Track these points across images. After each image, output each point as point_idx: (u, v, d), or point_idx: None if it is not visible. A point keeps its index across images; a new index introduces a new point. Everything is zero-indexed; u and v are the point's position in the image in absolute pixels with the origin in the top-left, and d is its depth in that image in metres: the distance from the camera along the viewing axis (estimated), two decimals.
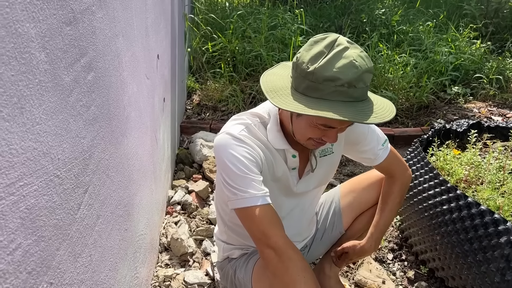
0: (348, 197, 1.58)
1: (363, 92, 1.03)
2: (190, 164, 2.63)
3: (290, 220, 1.41)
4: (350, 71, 0.98)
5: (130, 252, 1.32)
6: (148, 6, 1.62)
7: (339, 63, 0.99)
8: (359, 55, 1.01)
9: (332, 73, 0.98)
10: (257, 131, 1.20)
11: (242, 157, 1.12)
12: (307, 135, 1.12)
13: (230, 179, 1.12)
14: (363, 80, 1.01)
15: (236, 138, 1.14)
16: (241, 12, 3.90)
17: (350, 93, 1.00)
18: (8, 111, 0.56)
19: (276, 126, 1.21)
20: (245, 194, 1.10)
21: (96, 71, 0.94)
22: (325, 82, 1.00)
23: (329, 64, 1.00)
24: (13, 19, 0.56)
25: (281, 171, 1.26)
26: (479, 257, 1.48)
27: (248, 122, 1.20)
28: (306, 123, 1.09)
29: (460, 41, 4.02)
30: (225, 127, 1.20)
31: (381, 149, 1.39)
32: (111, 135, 1.08)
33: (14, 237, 0.58)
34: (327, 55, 1.01)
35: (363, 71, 0.99)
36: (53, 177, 0.71)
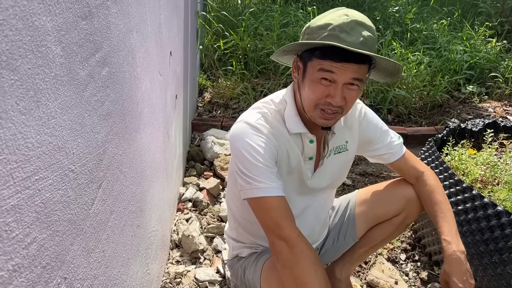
0: (364, 206, 1.52)
1: (358, 41, 1.02)
2: (201, 161, 2.63)
3: (303, 220, 1.39)
4: (340, 19, 1.03)
5: (142, 248, 1.32)
6: (161, 2, 1.62)
7: (333, 15, 1.06)
8: (354, 12, 1.06)
9: (324, 21, 1.05)
10: (274, 120, 1.20)
11: (259, 146, 1.12)
12: (311, 98, 1.10)
13: (245, 168, 1.12)
14: (357, 30, 1.02)
15: (253, 126, 1.15)
16: (253, 10, 3.89)
17: (342, 37, 1.02)
18: (24, 104, 0.55)
19: (293, 110, 1.20)
20: (259, 184, 1.10)
21: (110, 66, 0.94)
22: (319, 30, 1.05)
23: (323, 17, 1.08)
24: (30, 11, 0.56)
25: (296, 162, 1.24)
26: (495, 258, 1.46)
27: (264, 111, 1.20)
28: (309, 81, 1.09)
29: (475, 40, 3.96)
30: (242, 116, 1.20)
31: (397, 145, 1.37)
32: (125, 130, 1.07)
33: (29, 231, 0.58)
34: (325, 14, 1.09)
35: (355, 20, 1.03)
36: (67, 172, 0.71)
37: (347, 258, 1.59)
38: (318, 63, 1.05)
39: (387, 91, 3.28)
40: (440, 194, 1.36)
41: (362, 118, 1.34)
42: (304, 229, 1.40)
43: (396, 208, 1.44)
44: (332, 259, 1.62)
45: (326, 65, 1.04)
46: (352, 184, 2.55)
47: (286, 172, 1.25)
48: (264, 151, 1.12)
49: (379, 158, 1.41)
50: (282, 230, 1.09)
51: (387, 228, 1.49)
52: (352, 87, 1.08)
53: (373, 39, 1.05)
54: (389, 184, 1.50)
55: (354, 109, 1.34)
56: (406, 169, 1.40)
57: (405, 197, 1.42)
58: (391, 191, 1.47)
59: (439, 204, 1.34)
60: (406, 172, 1.41)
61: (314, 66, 1.07)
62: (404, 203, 1.43)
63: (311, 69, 1.08)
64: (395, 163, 1.39)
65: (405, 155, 1.39)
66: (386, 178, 2.60)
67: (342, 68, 1.03)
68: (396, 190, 1.45)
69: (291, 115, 1.20)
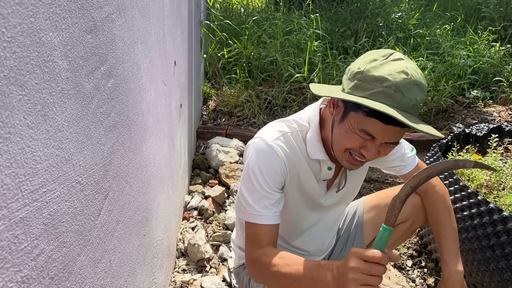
0: (371, 213, 1.52)
1: (411, 104, 0.97)
2: (206, 170, 2.64)
3: (312, 234, 1.39)
4: (399, 76, 0.95)
5: (148, 257, 1.33)
6: (165, 13, 1.64)
7: (390, 67, 0.98)
8: (413, 68, 0.99)
9: (381, 74, 0.97)
10: (293, 141, 1.17)
11: (266, 171, 1.11)
12: (345, 145, 1.07)
13: (246, 188, 1.14)
14: (412, 91, 0.96)
15: (269, 145, 1.13)
16: (256, 18, 3.91)
17: (396, 99, 0.96)
18: (32, 118, 0.57)
19: (316, 136, 1.17)
20: (250, 209, 1.13)
21: (115, 78, 0.95)
22: (373, 82, 0.98)
23: (380, 66, 0.99)
24: (37, 28, 0.58)
25: (308, 184, 1.23)
26: (501, 264, 1.45)
27: (285, 130, 1.18)
28: (347, 129, 1.04)
29: (478, 44, 3.96)
30: (262, 132, 1.19)
31: (410, 157, 1.36)
32: (130, 141, 1.09)
33: (37, 242, 0.59)
34: (382, 60, 1.00)
35: (413, 81, 0.96)
36: (74, 183, 0.72)
37: None
38: (363, 120, 1.00)
39: None
40: (448, 214, 1.36)
41: None
42: (313, 243, 1.40)
43: (403, 215, 1.44)
44: None
45: (369, 126, 1.00)
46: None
47: (296, 190, 1.24)
48: (270, 177, 1.11)
49: (392, 169, 1.40)
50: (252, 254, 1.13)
51: (394, 235, 1.49)
52: (388, 146, 1.06)
53: (423, 99, 1.01)
54: (396, 190, 1.49)
55: None
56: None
57: (412, 203, 1.43)
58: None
59: (444, 224, 1.35)
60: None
61: (357, 120, 1.01)
62: (411, 210, 1.43)
63: (353, 121, 1.02)
64: (407, 174, 1.38)
65: (418, 166, 1.38)
66: (391, 184, 2.60)
67: (386, 131, 1.00)
68: None
69: (313, 140, 1.17)
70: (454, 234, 1.34)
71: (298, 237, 1.38)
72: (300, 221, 1.34)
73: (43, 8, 0.59)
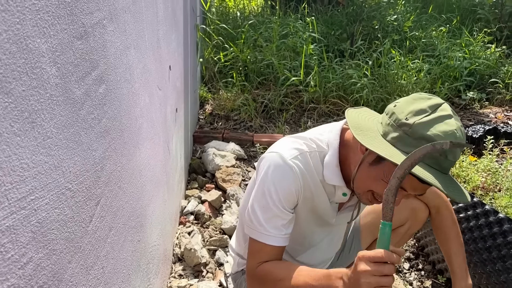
0: (369, 218, 1.51)
1: (450, 166, 0.95)
2: (203, 174, 2.64)
3: (319, 249, 1.38)
4: (449, 136, 0.91)
5: (143, 263, 1.32)
6: (159, 18, 1.64)
7: (441, 127, 0.93)
8: (460, 127, 0.95)
9: (431, 134, 0.92)
10: (311, 162, 1.12)
11: (281, 190, 1.08)
12: (371, 188, 1.03)
13: (258, 205, 1.11)
14: (455, 154, 0.94)
15: (286, 164, 1.09)
16: (252, 22, 3.92)
17: (440, 162, 0.93)
18: (19, 126, 0.56)
19: (335, 161, 1.12)
20: (260, 228, 1.10)
21: (107, 83, 0.95)
22: (420, 139, 0.93)
23: (430, 123, 0.93)
24: (24, 35, 0.57)
25: (321, 205, 1.20)
26: (498, 266, 1.45)
27: (304, 149, 1.13)
28: (377, 175, 1.00)
29: (474, 46, 3.97)
30: (280, 147, 1.14)
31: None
32: (123, 146, 1.08)
33: (25, 251, 0.58)
34: (430, 114, 0.95)
35: (459, 143, 0.90)
36: (64, 190, 0.71)
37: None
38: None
39: (387, 99, 3.29)
40: (456, 229, 1.37)
41: None
42: (318, 257, 1.40)
43: (400, 218, 1.44)
44: None
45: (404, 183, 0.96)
46: None
47: (308, 210, 1.21)
48: (284, 196, 1.08)
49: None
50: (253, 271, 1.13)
51: (392, 238, 1.48)
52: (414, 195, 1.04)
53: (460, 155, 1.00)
54: None
55: None
56: (428, 197, 1.38)
57: (410, 207, 1.42)
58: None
59: (453, 240, 1.36)
60: (428, 200, 1.40)
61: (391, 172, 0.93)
62: (409, 213, 1.42)
63: (388, 171, 0.97)
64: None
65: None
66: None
67: (418, 186, 0.97)
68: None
69: (331, 165, 1.12)
70: (463, 249, 1.36)
71: (304, 252, 1.38)
72: (307, 238, 1.33)
73: (30, 15, 0.59)
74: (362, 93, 3.32)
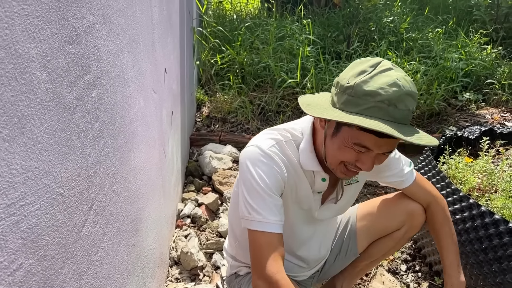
0: (365, 221, 1.51)
1: (403, 115, 0.97)
2: (199, 177, 2.63)
3: (307, 247, 1.38)
4: (391, 89, 0.94)
5: (138, 267, 1.32)
6: (154, 21, 1.64)
7: (381, 79, 0.96)
8: (403, 77, 0.98)
9: (373, 88, 0.95)
10: (287, 149, 1.15)
11: (267, 176, 1.09)
12: (340, 158, 1.06)
13: (249, 195, 1.10)
14: (405, 102, 0.95)
15: (265, 153, 1.10)
16: (249, 24, 3.92)
17: (390, 112, 0.95)
18: (8, 131, 0.56)
19: (309, 147, 1.15)
20: (259, 217, 1.08)
21: (100, 87, 0.94)
22: (364, 96, 0.96)
23: (370, 79, 0.97)
24: (13, 40, 0.57)
25: (304, 194, 1.22)
26: (494, 267, 1.45)
27: (279, 138, 1.15)
28: (340, 144, 1.03)
29: (470, 47, 3.98)
30: (255, 140, 1.16)
31: (408, 173, 1.35)
32: (117, 150, 1.08)
33: (15, 257, 0.58)
34: (370, 72, 0.98)
35: (405, 92, 0.95)
36: (56, 195, 0.71)
37: (348, 271, 1.58)
38: (356, 135, 0.99)
39: None
40: (448, 225, 1.37)
41: None
42: (308, 255, 1.39)
43: (397, 223, 1.43)
44: (333, 274, 1.62)
45: (364, 140, 0.99)
46: None
47: (292, 201, 1.22)
48: (271, 181, 1.09)
49: (390, 184, 1.39)
50: (264, 270, 1.07)
51: (388, 243, 1.48)
52: (384, 155, 1.05)
53: (415, 106, 1.00)
54: (390, 198, 1.49)
55: None
56: (418, 195, 1.39)
57: (406, 211, 1.42)
58: (392, 206, 1.45)
59: (445, 236, 1.36)
60: (417, 197, 1.40)
61: (351, 136, 1.00)
62: (405, 218, 1.42)
63: (347, 135, 1.01)
64: (406, 189, 1.38)
65: (416, 181, 1.37)
66: (384, 188, 2.59)
67: (380, 143, 0.99)
68: (397, 205, 1.44)
69: (306, 151, 1.15)
70: (455, 246, 1.35)
71: (295, 249, 1.37)
72: (296, 235, 1.33)
73: (19, 20, 0.59)
74: None
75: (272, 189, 1.09)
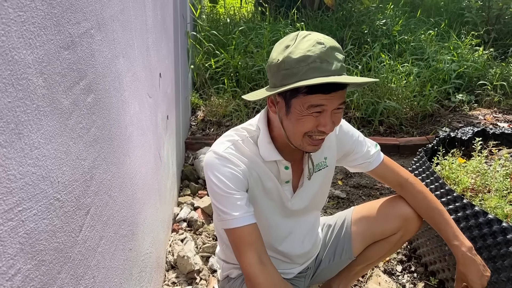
0: (360, 225, 1.51)
1: (337, 67, 1.03)
2: (195, 180, 2.64)
3: (291, 242, 1.38)
4: (317, 48, 1.01)
5: (135, 271, 1.32)
6: (148, 26, 1.65)
7: (305, 45, 1.03)
8: (322, 36, 1.05)
9: (301, 54, 1.02)
10: (244, 147, 1.19)
11: (225, 177, 1.13)
12: (301, 130, 1.09)
13: (215, 199, 1.15)
14: (334, 56, 1.03)
15: (221, 156, 1.15)
16: (243, 28, 3.94)
17: (324, 68, 1.01)
18: (5, 137, 0.56)
19: (267, 138, 1.20)
20: (226, 216, 1.12)
21: (96, 93, 0.95)
22: (297, 64, 1.02)
23: (296, 48, 1.03)
24: (9, 46, 0.58)
25: (271, 185, 1.24)
26: (488, 267, 1.46)
27: (235, 139, 1.20)
28: (296, 117, 1.07)
29: (462, 49, 4.02)
30: (213, 145, 1.21)
31: (374, 153, 1.39)
32: (113, 155, 1.08)
33: (13, 262, 0.58)
34: (293, 44, 1.05)
35: (329, 47, 1.02)
36: (53, 201, 0.71)
37: (344, 274, 1.58)
38: (306, 100, 1.04)
39: (377, 103, 3.31)
40: (431, 199, 1.39)
41: (338, 131, 1.34)
42: (294, 249, 1.39)
43: (393, 227, 1.44)
44: (328, 277, 1.61)
45: (315, 100, 1.03)
46: (347, 197, 2.55)
47: (262, 194, 1.24)
48: (230, 180, 1.13)
49: (358, 167, 1.42)
50: (241, 263, 1.12)
51: (384, 246, 1.48)
52: (338, 111, 1.09)
53: (344, 57, 1.07)
54: (385, 201, 1.49)
55: None
56: (388, 176, 1.42)
57: (402, 216, 1.42)
58: (388, 210, 1.46)
59: (434, 210, 1.37)
60: (389, 179, 1.43)
61: (302, 103, 1.05)
62: (401, 222, 1.42)
63: (299, 106, 1.05)
64: (374, 170, 1.40)
65: (384, 162, 1.40)
66: (379, 190, 2.61)
67: (330, 98, 1.04)
68: (393, 209, 1.45)
69: (264, 143, 1.20)
70: (448, 215, 1.37)
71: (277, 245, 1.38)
72: (276, 230, 1.33)
73: (15, 26, 0.59)
74: (352, 97, 3.34)
75: (233, 188, 1.13)
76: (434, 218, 1.37)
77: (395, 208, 1.44)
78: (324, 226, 1.60)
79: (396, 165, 1.44)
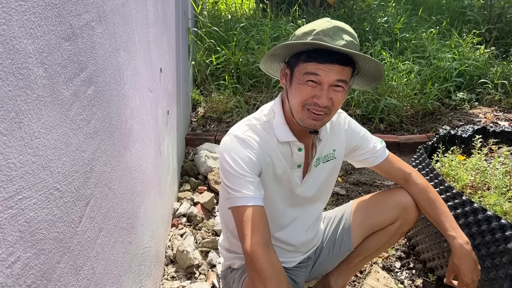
0: (359, 216, 1.54)
1: (341, 44, 1.08)
2: (195, 176, 2.64)
3: (294, 230, 1.40)
4: (323, 24, 1.11)
5: (134, 265, 1.32)
6: (149, 21, 1.65)
7: (316, 22, 1.15)
8: (336, 21, 1.14)
9: (309, 28, 1.13)
10: (261, 131, 1.24)
11: (241, 159, 1.16)
12: (299, 100, 1.14)
13: (226, 179, 1.17)
14: (339, 35, 1.09)
15: (240, 138, 1.19)
16: (244, 25, 3.94)
17: (326, 41, 1.08)
18: (5, 125, 0.57)
19: (282, 120, 1.24)
20: (237, 194, 1.14)
21: (96, 85, 0.95)
22: (303, 36, 1.13)
23: (307, 25, 1.16)
24: (10, 35, 0.58)
25: (283, 170, 1.27)
26: (487, 263, 1.46)
27: (253, 123, 1.25)
28: (295, 86, 1.14)
29: (463, 47, 4.01)
30: (232, 129, 1.25)
31: (380, 149, 1.44)
32: (113, 148, 1.08)
33: (13, 250, 0.59)
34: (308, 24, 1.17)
35: (336, 26, 1.10)
36: (53, 190, 0.71)
37: (343, 267, 1.59)
38: (304, 67, 1.11)
39: (378, 100, 3.31)
40: (433, 192, 1.43)
41: (347, 126, 1.39)
42: (296, 238, 1.41)
43: (391, 217, 1.46)
44: (328, 270, 1.63)
45: (311, 68, 1.10)
46: (346, 193, 2.56)
47: (273, 180, 1.27)
48: (246, 163, 1.16)
49: (364, 162, 1.46)
50: (245, 243, 1.11)
51: (383, 237, 1.50)
52: (337, 89, 1.13)
53: (355, 44, 1.11)
54: (384, 192, 1.53)
55: (340, 118, 1.38)
56: (393, 171, 1.46)
57: (400, 205, 1.45)
58: (386, 200, 1.49)
59: (435, 202, 1.41)
60: (393, 174, 1.47)
61: (300, 70, 1.12)
62: (399, 211, 1.45)
63: (298, 74, 1.13)
64: (380, 165, 1.45)
65: (389, 158, 1.45)
66: (379, 187, 2.61)
67: (326, 70, 1.09)
68: (391, 199, 1.48)
69: (280, 124, 1.24)
70: (448, 209, 1.41)
71: (280, 230, 1.39)
72: (280, 217, 1.35)
73: (16, 15, 0.59)
74: (353, 94, 3.34)
75: (247, 170, 1.16)
76: (435, 209, 1.40)
77: (393, 197, 1.48)
78: (324, 219, 1.62)
79: (399, 160, 1.48)
